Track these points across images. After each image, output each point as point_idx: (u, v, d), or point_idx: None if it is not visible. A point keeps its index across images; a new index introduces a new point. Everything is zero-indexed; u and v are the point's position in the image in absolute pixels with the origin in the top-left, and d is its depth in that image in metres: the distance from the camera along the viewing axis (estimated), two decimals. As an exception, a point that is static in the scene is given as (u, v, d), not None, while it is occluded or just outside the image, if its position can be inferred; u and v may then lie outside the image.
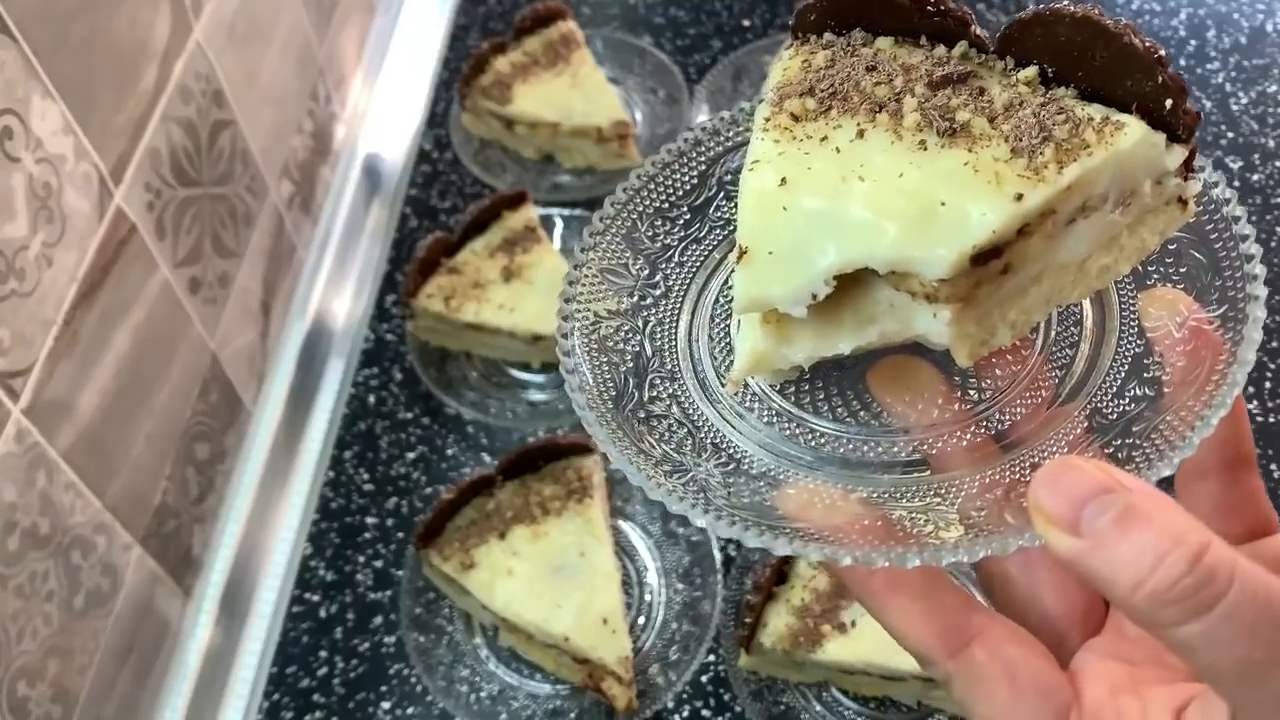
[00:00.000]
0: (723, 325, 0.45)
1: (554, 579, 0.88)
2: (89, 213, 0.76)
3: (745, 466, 0.40)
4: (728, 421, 0.42)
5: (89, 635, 0.78)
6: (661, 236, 0.45)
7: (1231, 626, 0.29)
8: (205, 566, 0.95)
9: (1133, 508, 0.30)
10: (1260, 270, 0.38)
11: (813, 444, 0.41)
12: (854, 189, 0.37)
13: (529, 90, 1.20)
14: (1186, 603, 0.29)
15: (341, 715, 0.89)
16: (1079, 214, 0.37)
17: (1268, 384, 1.01)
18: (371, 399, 1.06)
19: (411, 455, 1.02)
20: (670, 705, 0.87)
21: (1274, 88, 1.24)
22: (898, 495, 0.39)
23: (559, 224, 1.14)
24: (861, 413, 0.42)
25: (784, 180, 0.38)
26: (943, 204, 0.36)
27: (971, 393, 0.42)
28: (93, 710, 0.79)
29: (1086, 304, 0.42)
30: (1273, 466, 0.96)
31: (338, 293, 1.17)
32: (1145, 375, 0.40)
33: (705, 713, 0.87)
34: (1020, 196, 0.35)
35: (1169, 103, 0.36)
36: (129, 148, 0.80)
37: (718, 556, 0.92)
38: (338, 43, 1.22)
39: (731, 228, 0.45)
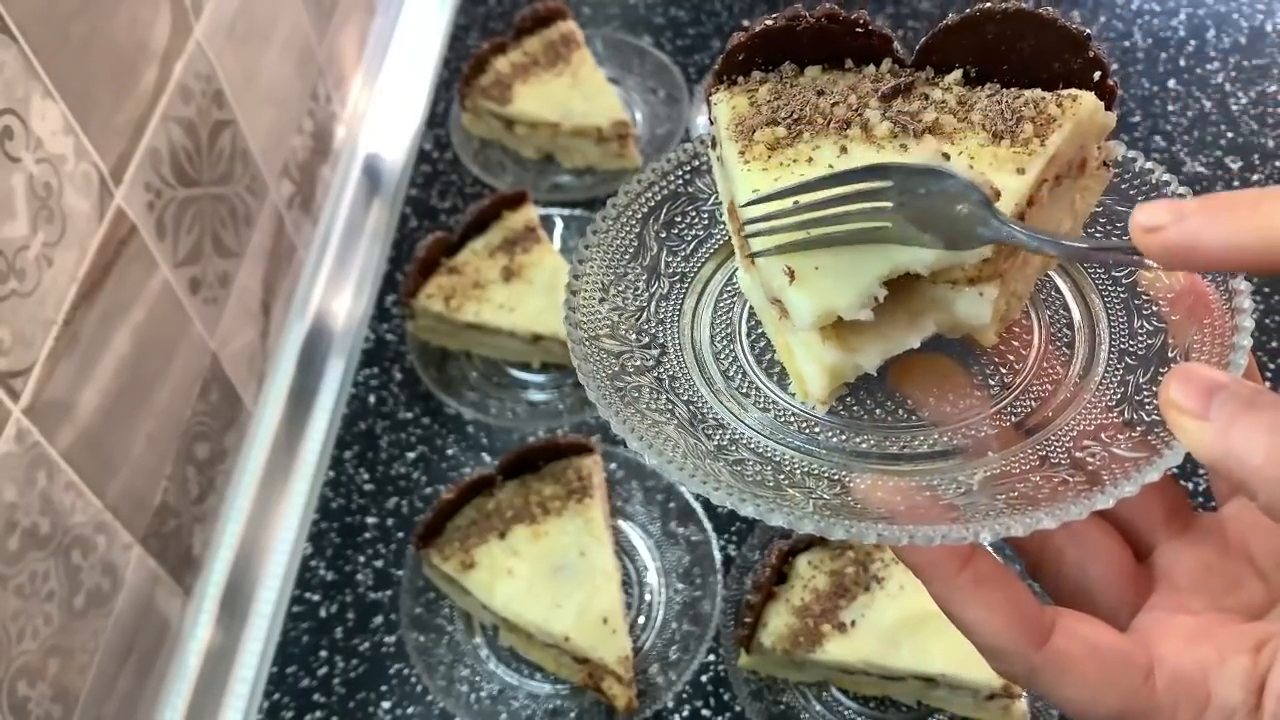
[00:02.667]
0: (728, 346, 0.46)
1: (554, 579, 0.88)
2: (89, 213, 0.76)
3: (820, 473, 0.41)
4: (799, 451, 0.43)
5: (89, 635, 0.78)
6: (631, 300, 0.47)
7: None
8: (205, 566, 0.96)
9: (1258, 392, 0.33)
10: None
11: (854, 446, 0.42)
12: None
13: (529, 90, 1.20)
14: None
15: (342, 715, 0.89)
16: (1056, 183, 0.41)
17: (1267, 384, 1.01)
18: (371, 399, 1.06)
19: (411, 455, 1.03)
20: (670, 705, 0.87)
21: (1274, 88, 1.24)
22: (959, 485, 0.40)
23: (559, 224, 1.14)
24: (898, 412, 0.43)
25: (797, 201, 0.39)
26: None
27: (992, 382, 0.43)
28: (93, 710, 0.79)
29: (1053, 275, 0.45)
30: (1272, 466, 0.96)
31: (338, 293, 1.17)
32: (1144, 312, 0.42)
33: (705, 712, 0.87)
34: (1022, 170, 0.39)
35: (1097, 74, 0.40)
36: (129, 148, 0.80)
37: (717, 556, 0.92)
38: (338, 43, 1.22)
39: (686, 282, 0.48)
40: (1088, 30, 0.40)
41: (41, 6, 0.69)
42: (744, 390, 0.44)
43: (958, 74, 0.42)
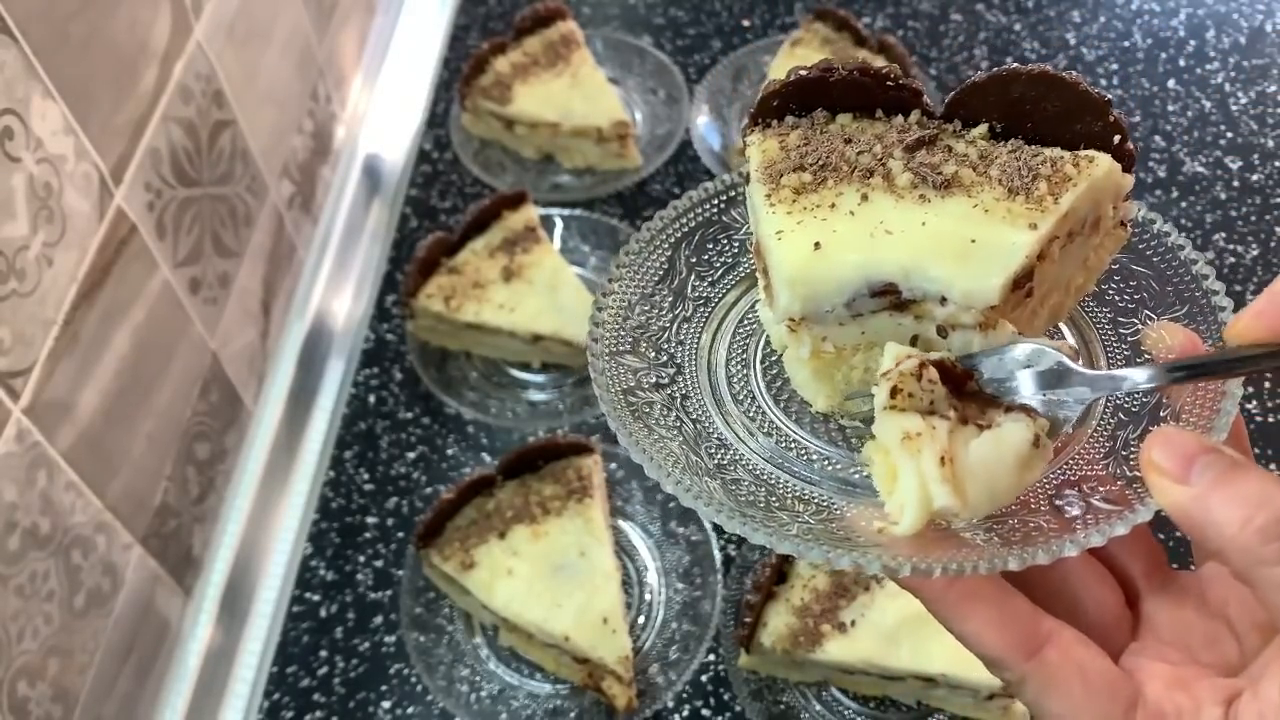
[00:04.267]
0: (742, 371, 0.48)
1: (554, 579, 0.88)
2: (89, 213, 0.76)
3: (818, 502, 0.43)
4: (792, 474, 0.44)
5: (89, 635, 0.78)
6: (655, 319, 0.49)
7: None
8: (205, 566, 0.96)
9: (1236, 462, 0.35)
10: (1210, 270, 0.44)
11: (863, 478, 0.44)
12: (885, 241, 0.41)
13: (529, 90, 1.20)
14: None
15: (342, 715, 0.89)
16: (1069, 240, 0.42)
17: (1267, 383, 1.01)
18: (371, 399, 1.06)
19: (411, 455, 1.03)
20: (670, 704, 0.87)
21: (1273, 88, 1.24)
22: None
23: (559, 224, 1.14)
24: None
25: (817, 244, 0.41)
26: (973, 241, 0.40)
27: None
28: (93, 710, 0.79)
29: (1062, 325, 0.47)
30: (1272, 466, 0.96)
31: (338, 293, 1.17)
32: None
33: (705, 712, 0.87)
34: (1034, 225, 0.40)
35: (1116, 138, 0.42)
36: (129, 148, 0.80)
37: (717, 556, 0.92)
38: (338, 43, 1.22)
39: (710, 306, 0.50)
40: (1109, 96, 0.41)
41: (41, 6, 0.69)
42: (751, 414, 0.46)
43: (983, 128, 0.44)
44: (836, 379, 0.45)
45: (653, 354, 0.47)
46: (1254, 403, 1.00)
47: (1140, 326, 0.45)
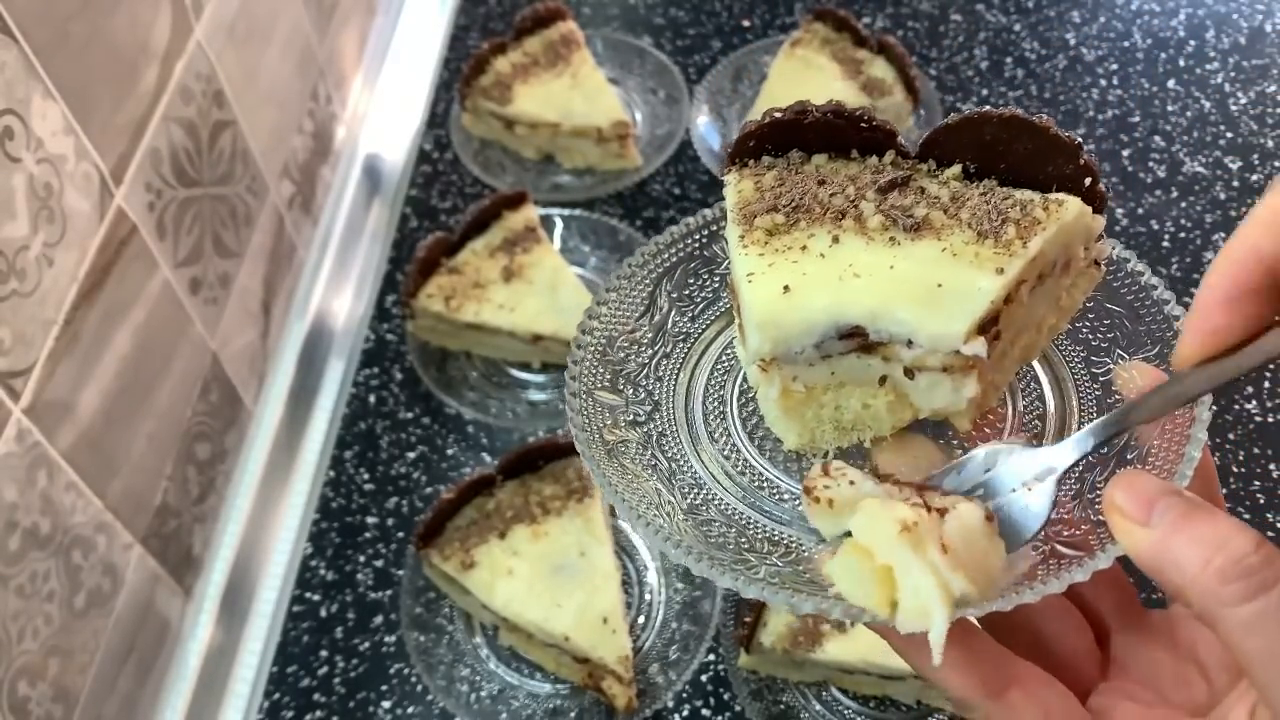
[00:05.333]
0: (719, 408, 0.49)
1: (554, 578, 0.88)
2: (90, 213, 0.76)
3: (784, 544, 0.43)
4: (763, 514, 0.45)
5: (89, 635, 0.78)
6: (634, 355, 0.49)
7: None
8: (206, 566, 0.96)
9: (1197, 504, 0.35)
10: (1180, 311, 0.44)
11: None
12: (854, 285, 0.41)
13: (529, 90, 1.20)
14: (1252, 578, 0.33)
15: (342, 714, 0.89)
16: (1038, 282, 0.43)
17: (1267, 384, 1.01)
18: (372, 399, 1.06)
19: (412, 455, 1.03)
20: (670, 704, 0.87)
21: (1273, 88, 1.24)
22: None
23: (559, 224, 1.14)
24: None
25: (787, 287, 0.42)
26: (940, 285, 0.41)
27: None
28: (93, 709, 0.79)
29: (1035, 365, 0.48)
30: (1272, 466, 0.96)
31: (338, 293, 1.17)
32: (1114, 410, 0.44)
33: (705, 712, 0.87)
34: (1001, 270, 0.41)
35: (1088, 181, 0.42)
36: (130, 148, 0.80)
37: (717, 556, 0.92)
38: (338, 43, 1.22)
39: (690, 342, 0.50)
40: (1078, 139, 0.42)
41: (42, 6, 0.69)
42: (726, 453, 0.47)
43: (957, 169, 0.44)
44: (807, 417, 0.45)
45: (630, 391, 0.48)
46: (1254, 403, 1.00)
47: (1112, 366, 0.45)
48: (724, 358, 0.50)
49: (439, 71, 1.33)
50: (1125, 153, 1.19)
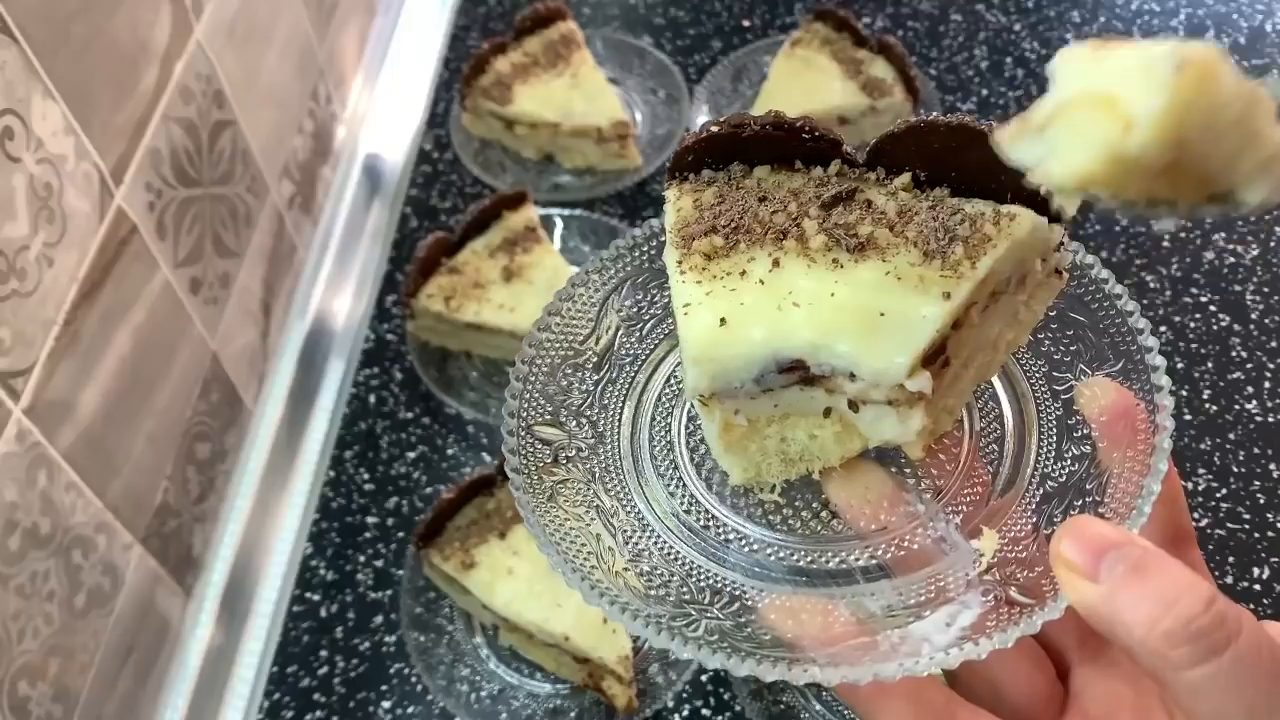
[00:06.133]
0: (664, 436, 0.46)
1: (554, 578, 0.88)
2: (90, 213, 0.76)
3: (727, 590, 0.41)
4: (709, 557, 0.43)
5: (90, 635, 0.78)
6: (579, 383, 0.46)
7: (1242, 670, 0.31)
8: (206, 566, 0.96)
9: (1146, 557, 0.33)
10: (1145, 324, 0.42)
11: (780, 558, 0.42)
12: (793, 316, 0.39)
13: (529, 90, 1.20)
14: (1201, 642, 0.31)
15: (342, 714, 0.89)
16: (991, 300, 0.40)
17: (1267, 384, 1.01)
18: (372, 399, 1.07)
19: (412, 455, 1.03)
20: (670, 704, 0.87)
21: (1273, 88, 1.24)
22: (875, 601, 0.40)
23: (559, 224, 1.14)
24: (813, 522, 0.43)
25: (723, 320, 0.40)
26: (882, 314, 0.38)
27: (924, 489, 0.43)
28: (93, 709, 0.79)
29: (995, 381, 0.45)
30: (1272, 466, 0.96)
31: (338, 293, 1.17)
32: (1075, 435, 0.42)
33: (705, 712, 0.88)
34: (948, 295, 0.38)
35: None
36: (130, 148, 0.80)
37: (717, 556, 0.92)
38: (338, 43, 1.22)
39: (637, 366, 0.47)
40: None
41: (41, 6, 0.69)
42: (671, 490, 0.44)
43: (906, 178, 0.42)
44: (751, 450, 0.43)
45: (573, 424, 0.45)
46: (1254, 403, 1.00)
47: (1074, 382, 0.43)
48: (673, 379, 0.47)
49: (439, 71, 1.33)
50: (1125, 153, 1.19)
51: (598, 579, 0.39)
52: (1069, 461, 0.42)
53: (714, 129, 0.43)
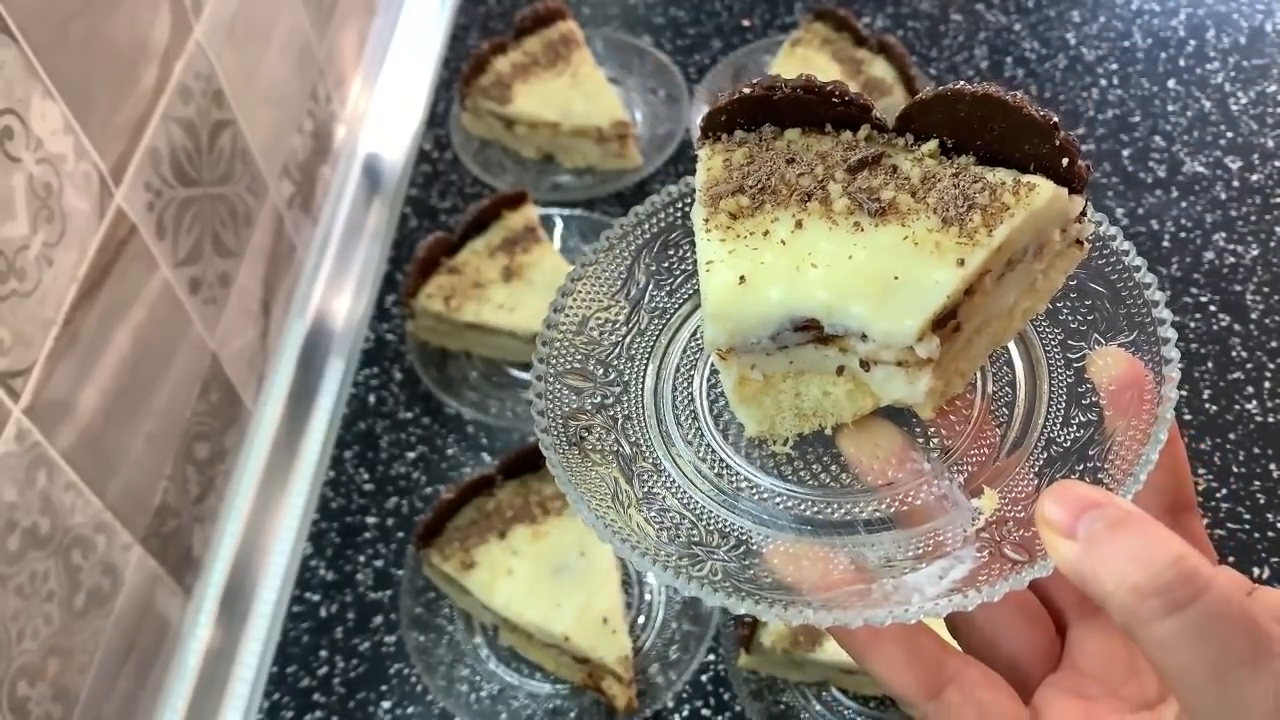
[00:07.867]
0: (686, 388, 0.48)
1: (554, 578, 0.88)
2: (89, 213, 0.76)
3: (732, 534, 0.43)
4: (720, 503, 0.44)
5: (89, 635, 0.78)
6: (608, 334, 0.48)
7: (1207, 625, 0.32)
8: (205, 566, 0.96)
9: (1123, 517, 0.34)
10: (1160, 296, 0.43)
11: (788, 508, 0.44)
12: (810, 276, 0.40)
13: (529, 90, 1.20)
14: (1168, 596, 0.32)
15: (342, 715, 0.89)
16: (1007, 268, 0.41)
17: (1267, 383, 1.01)
18: (371, 399, 1.06)
19: (411, 455, 1.03)
20: (670, 704, 0.87)
21: (1273, 88, 1.24)
22: (875, 552, 0.41)
23: (559, 224, 1.14)
24: (823, 475, 0.45)
25: (743, 278, 0.41)
26: (896, 278, 0.39)
27: (933, 448, 0.45)
28: (93, 710, 0.79)
29: (1011, 346, 0.46)
30: (1272, 466, 0.96)
31: (338, 293, 1.17)
32: (1084, 402, 0.43)
33: (705, 712, 0.87)
34: (962, 261, 0.39)
35: (1065, 161, 0.40)
36: (129, 148, 0.80)
37: (717, 556, 0.92)
38: (338, 43, 1.22)
39: (666, 317, 0.49)
40: (1054, 118, 0.40)
41: (41, 6, 0.69)
42: (689, 438, 0.46)
43: (934, 144, 0.43)
44: (766, 404, 0.45)
45: (600, 371, 0.47)
46: (1254, 403, 1.00)
47: (1088, 351, 0.44)
48: (698, 334, 0.48)
49: (439, 71, 1.33)
50: (1125, 152, 1.19)
51: (611, 519, 0.41)
52: (1075, 428, 0.42)
53: (746, 90, 0.44)
